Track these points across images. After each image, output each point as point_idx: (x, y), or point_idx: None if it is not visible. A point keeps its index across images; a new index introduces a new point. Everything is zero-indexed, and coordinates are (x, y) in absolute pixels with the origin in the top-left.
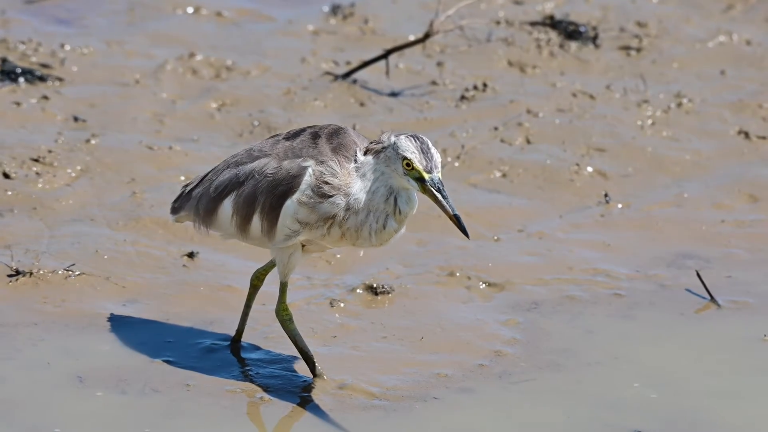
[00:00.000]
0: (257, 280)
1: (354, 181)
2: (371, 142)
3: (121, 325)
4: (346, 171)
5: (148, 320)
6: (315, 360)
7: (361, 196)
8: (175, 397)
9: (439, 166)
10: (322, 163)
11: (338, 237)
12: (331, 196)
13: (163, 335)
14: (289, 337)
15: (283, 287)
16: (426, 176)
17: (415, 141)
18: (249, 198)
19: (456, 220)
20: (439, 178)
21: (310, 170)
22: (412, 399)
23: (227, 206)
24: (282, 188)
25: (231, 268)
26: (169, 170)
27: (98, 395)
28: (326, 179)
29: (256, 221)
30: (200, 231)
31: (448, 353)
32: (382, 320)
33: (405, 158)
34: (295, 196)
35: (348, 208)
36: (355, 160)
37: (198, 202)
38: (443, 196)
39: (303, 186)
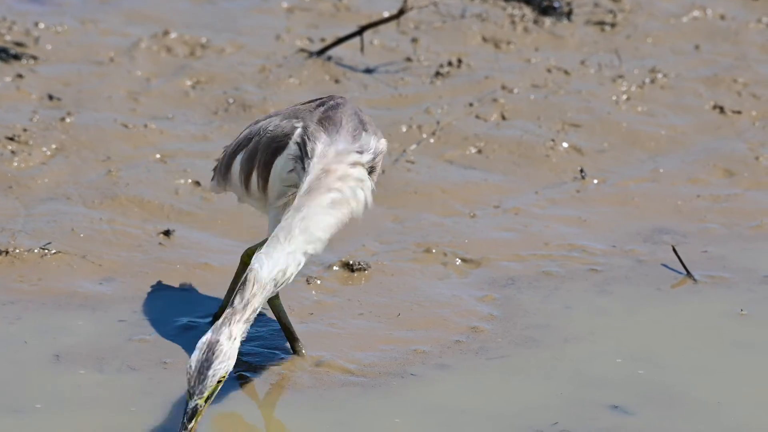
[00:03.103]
0: (248, 257)
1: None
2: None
3: (97, 303)
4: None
5: (125, 298)
6: (298, 337)
7: None
8: (153, 375)
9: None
10: (306, 128)
11: None
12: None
13: (140, 313)
14: (274, 312)
15: None
16: None
17: None
18: (251, 154)
19: None
20: (195, 404)
21: (299, 131)
22: (389, 375)
23: (237, 162)
24: (275, 145)
25: (208, 246)
26: (144, 148)
27: (80, 373)
28: (303, 145)
29: (254, 178)
30: (218, 190)
31: (424, 330)
32: (359, 297)
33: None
34: (285, 152)
35: None
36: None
37: (221, 161)
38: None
39: (291, 144)
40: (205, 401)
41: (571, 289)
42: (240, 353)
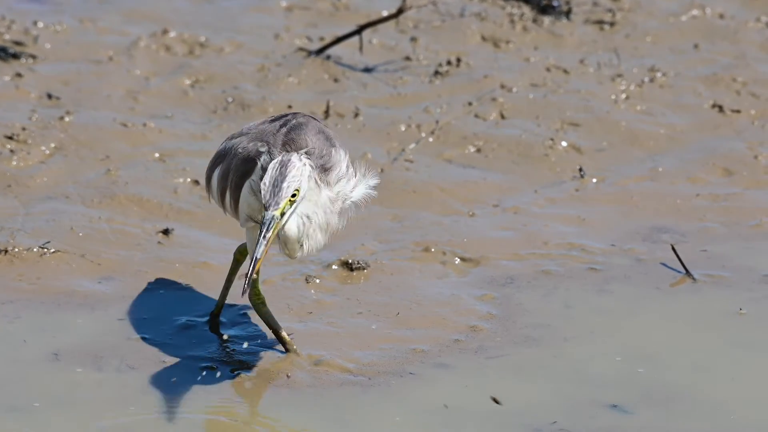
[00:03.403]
0: (240, 255)
1: None
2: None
3: (96, 302)
4: None
5: (124, 297)
6: (289, 339)
7: None
8: (152, 374)
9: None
10: (270, 153)
11: None
12: None
13: (139, 312)
14: (263, 319)
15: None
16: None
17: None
18: (225, 173)
19: (252, 262)
20: (272, 216)
21: (263, 158)
22: (388, 374)
23: (215, 177)
24: (243, 168)
25: (206, 245)
26: (143, 147)
27: (79, 371)
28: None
29: (228, 197)
30: (209, 197)
31: (424, 328)
32: (358, 296)
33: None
34: (252, 178)
35: None
36: None
37: (206, 172)
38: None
39: (257, 169)
40: (281, 215)
41: (571, 288)
42: (239, 353)
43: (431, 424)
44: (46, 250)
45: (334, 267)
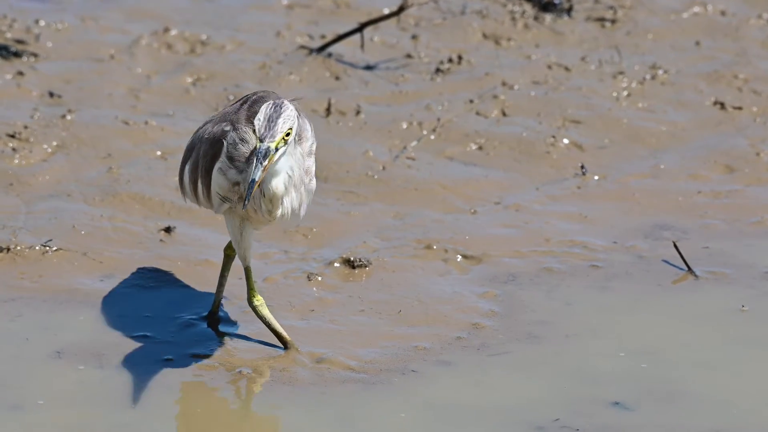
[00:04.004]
0: (229, 249)
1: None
2: None
3: (98, 300)
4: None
5: (126, 295)
6: (290, 340)
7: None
8: (153, 372)
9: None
10: (236, 129)
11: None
12: (238, 162)
13: (141, 310)
14: (263, 322)
15: (248, 273)
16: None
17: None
18: (194, 164)
19: (250, 184)
20: (267, 146)
21: (229, 135)
22: (390, 372)
23: (186, 172)
24: (211, 152)
25: (208, 243)
26: (145, 145)
27: (81, 369)
28: (237, 146)
29: (200, 186)
30: (185, 199)
31: (426, 326)
32: (360, 294)
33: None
34: (221, 158)
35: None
36: None
37: (178, 170)
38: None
39: (224, 149)
40: (276, 148)
41: (572, 285)
42: (240, 350)
43: (434, 422)
44: (48, 248)
45: (335, 265)
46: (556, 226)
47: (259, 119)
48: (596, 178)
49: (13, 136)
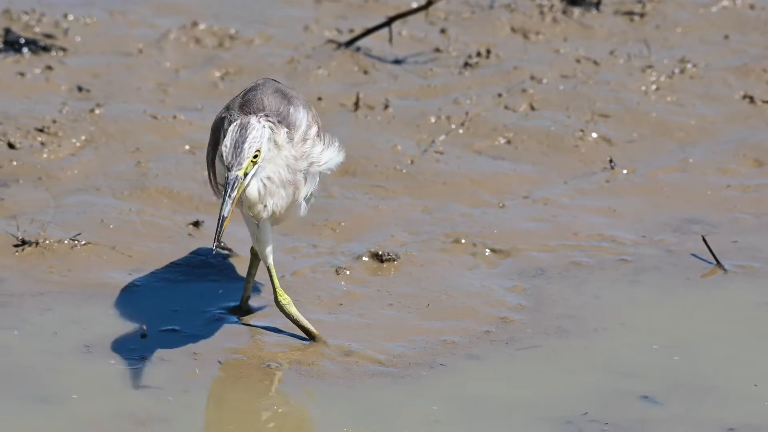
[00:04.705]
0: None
1: None
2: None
3: (127, 294)
4: None
5: (154, 289)
6: (317, 333)
7: None
8: (183, 366)
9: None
10: (230, 116)
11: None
12: None
13: (170, 304)
14: (291, 320)
15: (270, 272)
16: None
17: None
18: (206, 154)
19: (219, 221)
20: (235, 176)
21: (226, 122)
22: (419, 366)
23: (208, 163)
24: (213, 139)
25: (236, 237)
26: (173, 139)
27: (111, 363)
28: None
29: (210, 176)
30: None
31: (454, 320)
32: (388, 287)
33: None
34: (220, 146)
35: None
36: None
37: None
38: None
39: (221, 136)
40: (244, 175)
41: (601, 279)
42: (269, 344)
43: (462, 416)
44: (76, 242)
45: (364, 258)
46: (584, 219)
47: (226, 145)
48: (625, 171)
49: (41, 131)
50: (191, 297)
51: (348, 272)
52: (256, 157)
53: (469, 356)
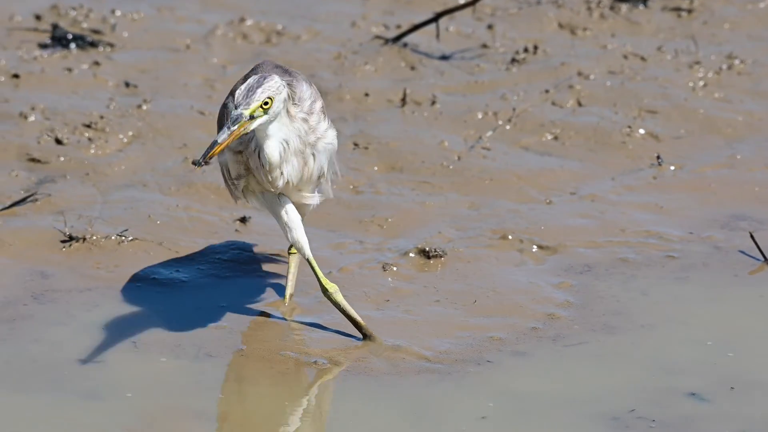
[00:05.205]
0: (291, 248)
1: None
2: None
3: (174, 290)
4: None
5: (201, 285)
6: (366, 325)
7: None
8: (230, 362)
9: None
10: (233, 93)
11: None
12: None
13: (217, 300)
14: (338, 309)
15: (311, 263)
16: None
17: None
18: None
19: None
20: (240, 113)
21: (228, 104)
22: (465, 362)
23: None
24: (219, 125)
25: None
26: None
27: (162, 361)
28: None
29: (223, 170)
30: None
31: (501, 316)
32: (435, 284)
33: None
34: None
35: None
36: None
37: None
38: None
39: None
40: (251, 116)
41: (648, 275)
42: (315, 340)
43: (509, 412)
44: (123, 238)
45: (411, 255)
46: (631, 216)
47: (241, 88)
48: (672, 168)
49: (89, 126)
50: (238, 293)
51: (395, 268)
52: (266, 105)
53: (516, 353)
